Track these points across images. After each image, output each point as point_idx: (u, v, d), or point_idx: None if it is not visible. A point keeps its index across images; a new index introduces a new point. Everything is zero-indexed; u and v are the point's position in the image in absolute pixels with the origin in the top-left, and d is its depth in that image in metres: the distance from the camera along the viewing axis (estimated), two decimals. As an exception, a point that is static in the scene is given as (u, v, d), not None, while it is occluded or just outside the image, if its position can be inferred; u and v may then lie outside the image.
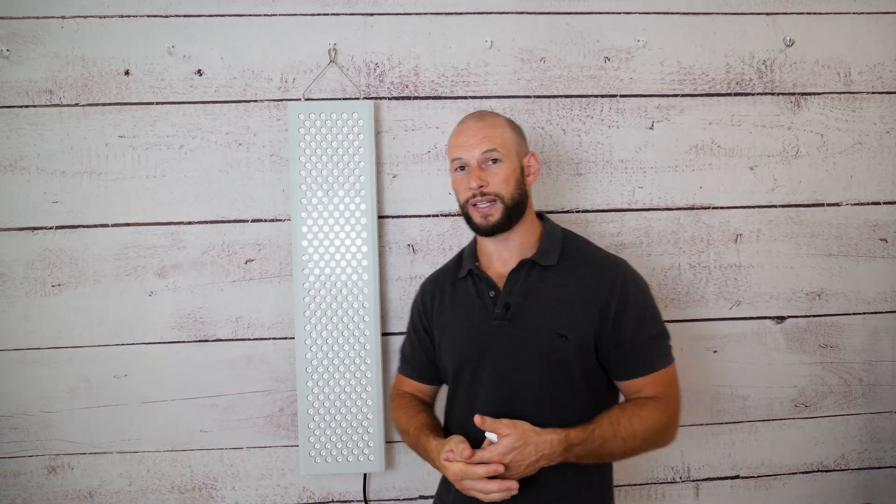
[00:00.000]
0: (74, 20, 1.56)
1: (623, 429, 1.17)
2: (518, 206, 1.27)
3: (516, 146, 1.29)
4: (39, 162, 1.58)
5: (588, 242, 1.34)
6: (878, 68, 1.72)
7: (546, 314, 1.24)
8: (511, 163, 1.27)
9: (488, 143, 1.26)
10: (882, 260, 1.75)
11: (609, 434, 1.16)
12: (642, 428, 1.18)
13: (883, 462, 1.79)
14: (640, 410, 1.20)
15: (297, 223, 1.58)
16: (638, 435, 1.18)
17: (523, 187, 1.28)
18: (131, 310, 1.61)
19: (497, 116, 1.32)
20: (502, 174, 1.25)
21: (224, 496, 1.66)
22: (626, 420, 1.18)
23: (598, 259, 1.28)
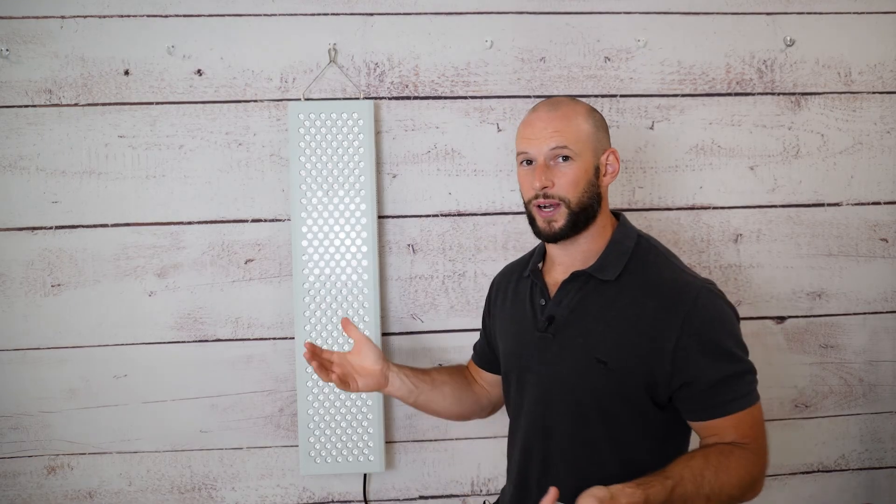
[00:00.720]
0: (74, 20, 1.56)
1: (708, 484, 0.99)
2: (586, 211, 1.12)
3: (593, 142, 1.13)
4: (39, 162, 1.58)
5: (667, 257, 1.15)
6: (879, 68, 1.72)
7: (590, 334, 1.11)
8: (584, 161, 1.11)
9: (559, 137, 1.10)
10: (882, 260, 1.75)
11: (691, 491, 0.98)
12: (731, 483, 1.01)
13: (883, 462, 1.79)
14: (726, 461, 1.01)
15: (297, 223, 1.58)
16: (725, 490, 1.00)
17: (596, 189, 1.13)
18: (131, 310, 1.61)
19: (575, 105, 1.16)
20: (571, 175, 1.10)
21: (224, 496, 1.66)
22: (713, 474, 0.99)
23: (664, 279, 1.10)
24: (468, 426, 1.68)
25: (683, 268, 1.15)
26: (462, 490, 1.70)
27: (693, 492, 0.98)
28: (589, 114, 1.16)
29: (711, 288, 1.11)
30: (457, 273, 1.67)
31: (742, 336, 1.12)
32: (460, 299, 1.67)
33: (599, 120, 1.18)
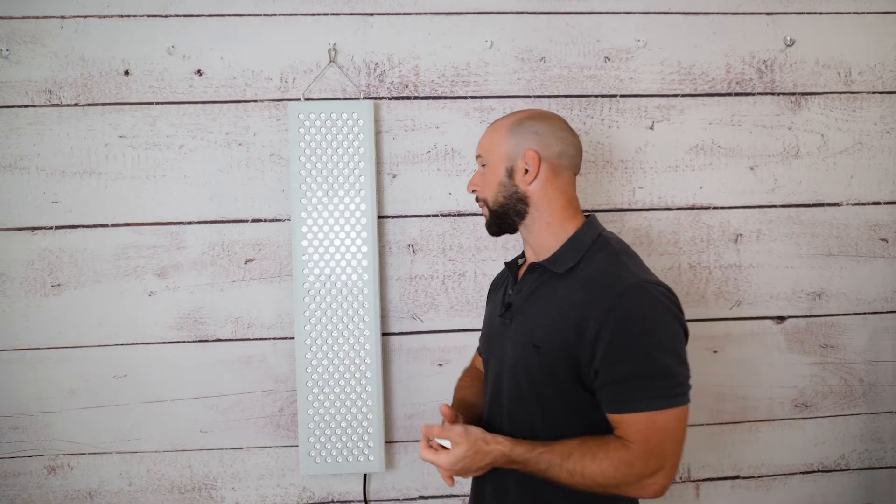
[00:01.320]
0: (74, 20, 1.56)
1: (573, 461, 1.07)
2: (504, 211, 1.22)
3: (506, 149, 1.21)
4: (39, 162, 1.58)
5: (617, 255, 1.17)
6: (879, 68, 1.72)
7: (530, 321, 1.20)
8: (494, 166, 1.23)
9: (479, 148, 1.27)
10: (882, 260, 1.75)
11: (556, 461, 1.08)
12: (593, 469, 1.06)
13: (883, 462, 1.79)
14: (598, 450, 1.07)
15: (297, 223, 1.58)
16: (587, 474, 1.07)
17: (511, 189, 1.21)
18: (131, 310, 1.61)
19: (506, 119, 1.25)
20: (486, 179, 1.24)
21: (224, 496, 1.66)
22: (580, 454, 1.07)
23: (601, 273, 1.14)
24: (468, 426, 1.68)
25: (631, 266, 1.15)
26: (462, 490, 1.70)
27: (558, 461, 1.08)
28: (518, 122, 1.23)
29: (649, 288, 1.10)
30: (457, 273, 1.67)
31: (675, 343, 1.09)
32: (460, 299, 1.67)
33: (530, 126, 1.22)
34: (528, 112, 1.25)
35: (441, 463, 1.11)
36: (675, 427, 1.06)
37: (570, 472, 1.07)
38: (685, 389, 1.08)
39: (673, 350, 1.08)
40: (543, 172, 1.20)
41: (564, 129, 1.23)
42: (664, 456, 1.06)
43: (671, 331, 1.09)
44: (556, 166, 1.20)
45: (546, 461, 1.09)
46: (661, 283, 1.13)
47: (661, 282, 1.13)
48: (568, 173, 1.22)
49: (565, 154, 1.21)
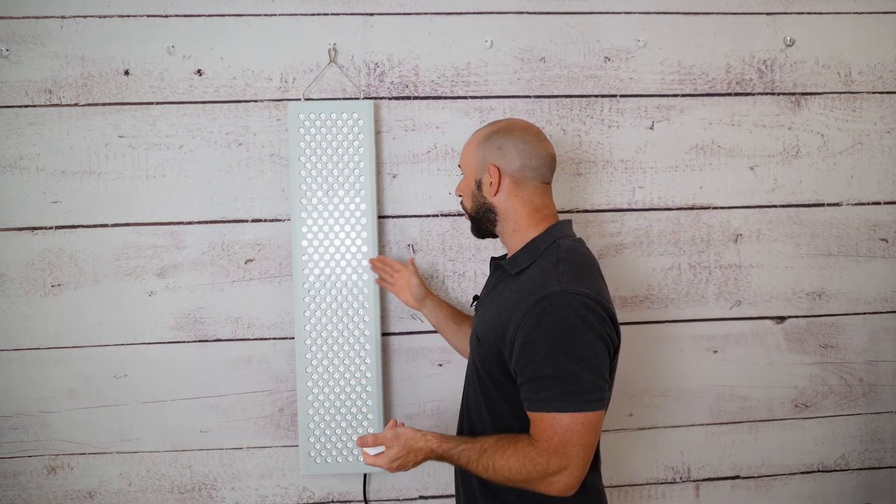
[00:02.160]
0: (74, 20, 1.56)
1: (486, 458, 1.15)
2: (479, 218, 1.31)
3: (476, 162, 1.29)
4: (39, 162, 1.58)
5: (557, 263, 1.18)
6: (879, 68, 1.72)
7: (483, 315, 1.29)
8: (467, 177, 1.32)
9: (460, 158, 1.36)
10: (882, 260, 1.75)
11: (473, 458, 1.16)
12: (501, 464, 1.13)
13: (883, 462, 1.79)
14: (509, 446, 1.14)
15: (297, 223, 1.58)
16: (497, 469, 1.14)
17: (481, 200, 1.29)
18: (131, 310, 1.61)
19: (480, 132, 1.32)
20: (462, 187, 1.35)
21: (224, 496, 1.66)
22: (493, 451, 1.14)
23: (537, 278, 1.18)
24: (468, 426, 1.68)
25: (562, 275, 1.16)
26: (462, 490, 1.70)
27: (475, 458, 1.16)
28: (486, 137, 1.29)
29: (567, 297, 1.12)
30: (457, 273, 1.67)
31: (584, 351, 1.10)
32: (460, 299, 1.67)
33: (496, 140, 1.27)
34: (497, 125, 1.31)
35: (380, 465, 1.19)
36: (579, 430, 1.10)
37: (485, 467, 1.15)
38: (594, 397, 1.11)
39: (580, 358, 1.10)
40: (506, 185, 1.26)
41: (529, 141, 1.26)
42: (567, 456, 1.10)
43: (582, 340, 1.11)
44: (519, 179, 1.25)
45: (465, 458, 1.17)
46: (590, 295, 1.13)
47: (591, 294, 1.14)
48: (533, 183, 1.26)
49: (528, 167, 1.25)
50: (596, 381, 1.11)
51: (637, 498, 1.74)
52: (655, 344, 1.72)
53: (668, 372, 1.73)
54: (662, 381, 1.73)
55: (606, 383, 1.14)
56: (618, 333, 1.18)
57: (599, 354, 1.12)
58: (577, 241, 1.27)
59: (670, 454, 1.74)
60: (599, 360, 1.12)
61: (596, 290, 1.15)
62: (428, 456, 1.19)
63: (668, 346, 1.73)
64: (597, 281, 1.20)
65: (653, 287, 1.71)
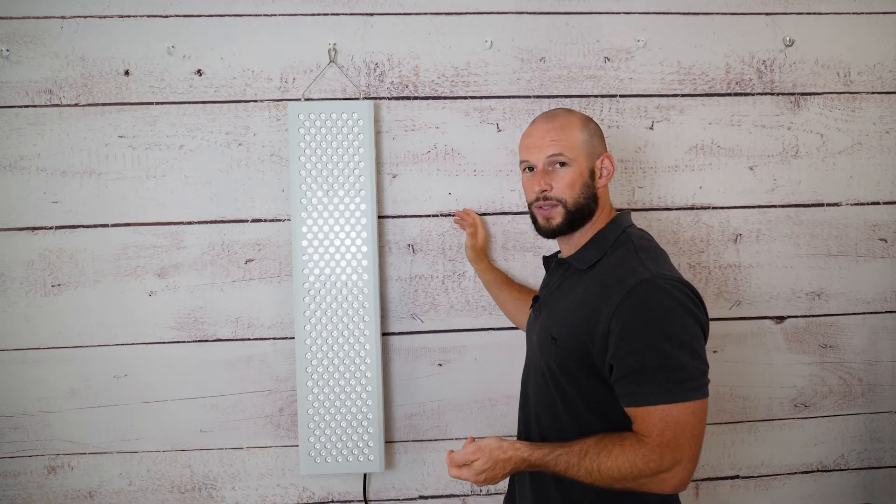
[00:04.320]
0: (74, 20, 1.56)
1: (589, 460, 1.09)
2: (582, 211, 1.23)
3: (587, 148, 1.23)
4: (39, 162, 1.58)
5: (636, 252, 1.17)
6: (878, 68, 1.72)
7: (554, 315, 1.23)
8: (578, 166, 1.22)
9: (555, 146, 1.22)
10: (882, 260, 1.75)
11: (574, 462, 1.10)
12: (608, 465, 1.08)
13: (883, 462, 1.79)
14: (615, 446, 1.08)
15: (297, 223, 1.58)
16: (603, 471, 1.08)
17: (591, 191, 1.23)
18: (131, 310, 1.61)
19: (570, 116, 1.25)
20: (568, 179, 1.22)
21: (224, 496, 1.66)
22: (596, 452, 1.09)
23: (617, 270, 1.15)
24: (467, 427, 1.68)
25: (647, 262, 1.14)
26: (462, 490, 1.70)
27: (575, 462, 1.10)
28: (584, 123, 1.26)
29: (660, 283, 1.09)
30: (457, 273, 1.67)
31: (687, 337, 1.08)
32: (460, 299, 1.67)
33: (594, 128, 1.27)
34: (579, 113, 1.27)
35: (466, 478, 1.14)
36: (690, 421, 1.06)
37: (588, 470, 1.09)
38: (700, 384, 1.07)
39: (683, 343, 1.06)
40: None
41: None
42: (680, 450, 1.06)
43: (682, 325, 1.07)
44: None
45: (564, 462, 1.11)
46: (680, 279, 1.12)
47: (680, 278, 1.13)
48: None
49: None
50: (700, 366, 1.07)
51: (637, 498, 1.75)
52: (655, 344, 1.72)
53: (667, 372, 1.73)
54: (662, 381, 1.73)
55: (707, 368, 1.10)
56: (707, 318, 1.14)
57: (699, 339, 1.09)
58: (641, 230, 1.26)
59: (670, 454, 1.74)
60: (700, 345, 1.09)
61: (685, 281, 1.13)
62: (518, 465, 1.13)
63: (667, 345, 1.73)
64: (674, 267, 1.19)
65: (652, 287, 1.71)
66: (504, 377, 1.66)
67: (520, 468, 1.14)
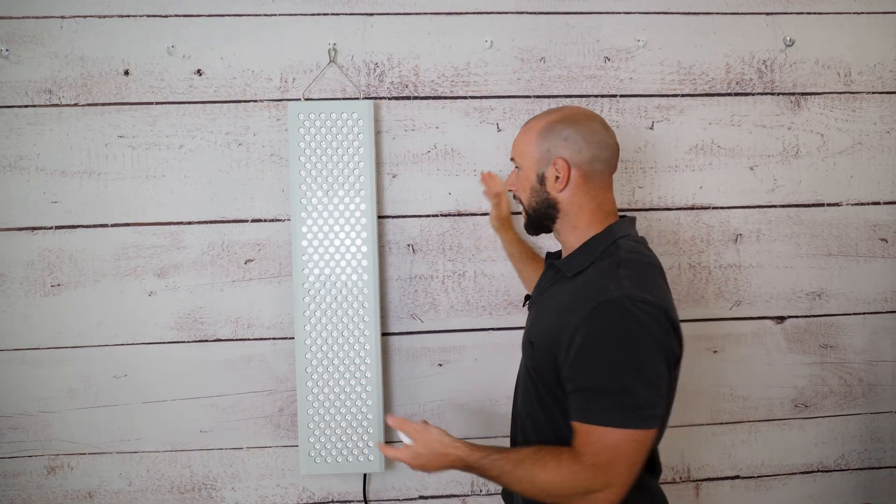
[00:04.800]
0: (74, 20, 1.56)
1: (523, 470, 1.08)
2: (539, 216, 1.22)
3: (537, 153, 1.19)
4: (39, 162, 1.58)
5: (617, 266, 1.12)
6: (879, 68, 1.72)
7: (537, 318, 1.24)
8: (525, 172, 1.22)
9: (513, 150, 1.26)
10: (882, 260, 1.75)
11: (508, 469, 1.10)
12: (542, 477, 1.07)
13: (883, 462, 1.79)
14: (551, 458, 1.08)
15: (297, 223, 1.58)
16: (535, 482, 1.07)
17: (543, 196, 1.20)
18: (131, 310, 1.61)
19: (537, 121, 1.22)
20: (521, 182, 1.24)
21: (224, 496, 1.66)
22: (531, 462, 1.08)
23: (594, 283, 1.12)
24: (467, 426, 1.68)
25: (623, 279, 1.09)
26: (462, 490, 1.70)
27: (510, 469, 1.09)
28: (545, 128, 1.20)
29: (627, 304, 1.05)
30: (457, 273, 1.67)
31: (643, 363, 1.05)
32: (460, 299, 1.67)
33: (560, 131, 1.19)
34: (560, 114, 1.21)
35: (401, 458, 1.17)
36: (628, 449, 1.04)
37: (520, 479, 1.09)
38: (648, 414, 1.04)
39: (639, 370, 1.04)
40: (574, 179, 1.17)
41: (597, 130, 1.19)
42: (612, 474, 1.04)
43: (642, 351, 1.04)
44: (588, 172, 1.17)
45: (498, 468, 1.10)
46: (652, 302, 1.06)
47: (652, 301, 1.06)
48: (602, 176, 1.19)
49: (598, 158, 1.17)
50: (652, 397, 1.04)
51: (637, 498, 1.74)
52: (655, 344, 1.72)
53: (667, 372, 1.73)
54: (662, 381, 1.73)
55: (663, 400, 1.07)
56: (680, 343, 1.11)
57: (658, 368, 1.05)
58: (639, 240, 1.20)
59: (670, 454, 1.74)
60: (658, 375, 1.05)
61: (659, 297, 1.08)
62: (455, 463, 1.13)
63: (667, 346, 1.73)
64: (660, 286, 1.13)
65: (653, 287, 1.71)
66: (504, 377, 1.66)
67: (457, 466, 1.14)
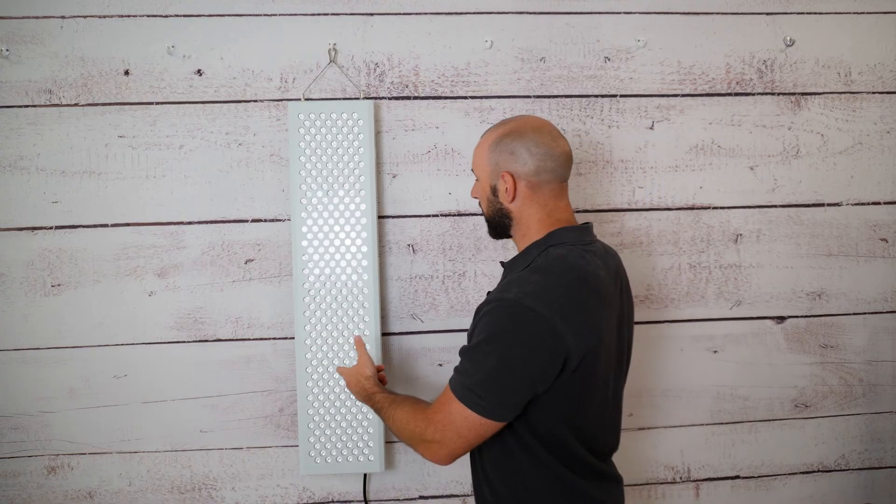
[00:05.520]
0: (74, 20, 1.56)
1: (393, 408, 1.27)
2: (495, 223, 1.29)
3: (490, 167, 1.25)
4: (39, 162, 1.58)
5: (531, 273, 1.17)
6: (879, 68, 1.72)
7: None
8: (482, 182, 1.29)
9: (472, 162, 1.33)
10: (882, 260, 1.75)
11: (385, 406, 1.29)
12: (400, 416, 1.25)
13: (883, 462, 1.79)
14: (409, 404, 1.26)
15: (297, 223, 1.58)
16: (396, 420, 1.25)
17: (497, 206, 1.26)
18: (131, 310, 1.61)
19: (489, 135, 1.27)
20: (480, 192, 1.32)
21: (224, 496, 1.66)
22: (399, 404, 1.27)
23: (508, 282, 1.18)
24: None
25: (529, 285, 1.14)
26: (462, 490, 1.70)
27: (387, 406, 1.29)
28: (497, 141, 1.24)
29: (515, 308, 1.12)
30: (457, 273, 1.67)
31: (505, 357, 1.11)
32: (460, 299, 1.67)
33: (507, 144, 1.23)
34: (507, 127, 1.25)
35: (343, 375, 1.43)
36: (457, 419, 1.15)
37: (390, 417, 1.27)
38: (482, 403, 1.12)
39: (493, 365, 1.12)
40: (521, 191, 1.23)
41: (542, 142, 1.21)
42: (442, 433, 1.17)
43: (507, 351, 1.11)
44: (534, 183, 1.22)
45: (379, 403, 1.31)
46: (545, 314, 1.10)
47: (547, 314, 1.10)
48: (550, 186, 1.23)
49: (544, 169, 1.21)
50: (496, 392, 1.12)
51: (637, 498, 1.74)
52: (655, 344, 1.72)
53: (667, 372, 1.73)
54: (662, 381, 1.73)
55: (509, 400, 1.12)
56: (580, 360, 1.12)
57: (514, 373, 1.11)
58: (574, 249, 1.20)
59: (670, 454, 1.74)
60: (512, 377, 1.11)
61: (555, 311, 1.10)
62: (367, 393, 1.36)
63: (668, 345, 1.73)
64: (573, 298, 1.13)
65: (653, 287, 1.71)
66: (504, 377, 1.66)
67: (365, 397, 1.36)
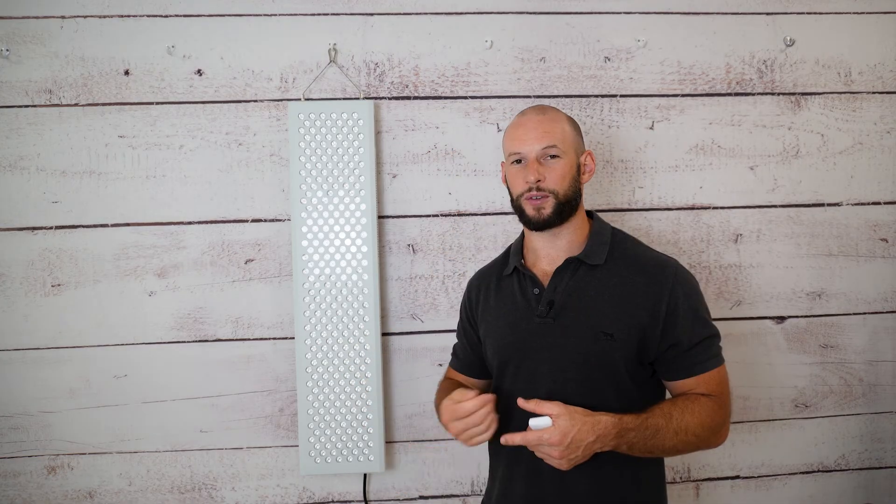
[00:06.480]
0: (74, 20, 1.56)
1: (675, 421, 1.15)
2: (570, 204, 1.25)
3: (575, 143, 1.27)
4: (39, 162, 1.58)
5: (637, 242, 1.31)
6: (879, 68, 1.72)
7: (591, 313, 1.22)
8: (569, 159, 1.25)
9: (549, 138, 1.24)
10: (882, 260, 1.75)
11: (662, 424, 1.14)
12: (695, 423, 1.15)
13: (883, 462, 1.79)
14: (692, 405, 1.17)
15: (297, 223, 1.58)
16: (690, 429, 1.15)
17: (578, 185, 1.27)
18: (131, 310, 1.61)
19: (558, 111, 1.29)
20: (560, 170, 1.24)
21: (224, 496, 1.66)
22: (679, 413, 1.16)
23: (646, 258, 1.26)
24: (468, 426, 1.67)
25: (652, 249, 1.31)
26: (462, 490, 1.70)
27: (664, 424, 1.15)
28: (569, 119, 1.31)
29: (680, 263, 1.26)
30: (457, 273, 1.67)
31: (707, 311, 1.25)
32: (460, 299, 1.67)
33: (577, 125, 1.32)
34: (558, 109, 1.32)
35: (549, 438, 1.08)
36: (727, 380, 1.24)
37: (676, 430, 1.15)
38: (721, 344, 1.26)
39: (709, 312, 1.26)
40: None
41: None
42: (729, 405, 1.23)
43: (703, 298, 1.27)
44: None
45: (653, 426, 1.14)
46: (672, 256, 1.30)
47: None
48: None
49: None
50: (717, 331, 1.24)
51: (637, 498, 1.74)
52: (655, 344, 1.72)
53: (668, 372, 1.73)
54: (662, 381, 1.73)
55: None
56: None
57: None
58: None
59: (670, 454, 1.74)
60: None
61: None
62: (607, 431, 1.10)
63: (668, 346, 1.73)
64: None
65: (653, 287, 1.71)
66: (504, 377, 1.66)
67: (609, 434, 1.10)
